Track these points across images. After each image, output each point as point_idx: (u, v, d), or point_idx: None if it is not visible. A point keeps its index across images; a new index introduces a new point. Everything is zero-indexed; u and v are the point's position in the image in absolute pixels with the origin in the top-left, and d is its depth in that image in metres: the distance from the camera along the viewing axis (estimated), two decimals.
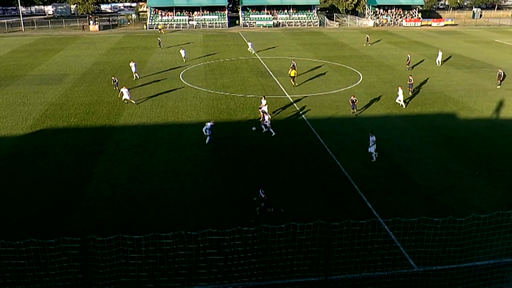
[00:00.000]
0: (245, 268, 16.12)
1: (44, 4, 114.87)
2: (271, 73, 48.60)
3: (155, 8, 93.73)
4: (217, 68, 51.72)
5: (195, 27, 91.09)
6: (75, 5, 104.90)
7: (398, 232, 18.24)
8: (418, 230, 16.83)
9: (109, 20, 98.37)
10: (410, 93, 39.54)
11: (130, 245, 16.16)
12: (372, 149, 26.04)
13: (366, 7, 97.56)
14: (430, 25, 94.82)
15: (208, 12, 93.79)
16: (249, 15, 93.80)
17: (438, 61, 52.51)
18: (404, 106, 36.21)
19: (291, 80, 42.91)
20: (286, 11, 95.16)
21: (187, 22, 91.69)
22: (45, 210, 21.07)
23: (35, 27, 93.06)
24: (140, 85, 43.46)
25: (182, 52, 55.34)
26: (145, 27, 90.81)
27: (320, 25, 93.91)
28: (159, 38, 69.29)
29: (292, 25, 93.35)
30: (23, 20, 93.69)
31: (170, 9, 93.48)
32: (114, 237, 15.30)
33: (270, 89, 41.67)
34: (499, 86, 41.97)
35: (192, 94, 40.22)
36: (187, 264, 16.12)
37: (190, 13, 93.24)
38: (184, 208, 21.24)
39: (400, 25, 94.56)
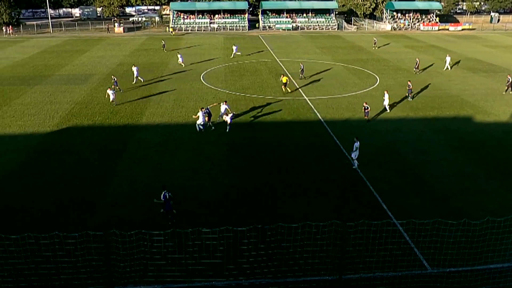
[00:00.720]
0: (261, 265, 16.12)
1: (72, 6, 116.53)
2: (289, 75, 48.51)
3: (178, 11, 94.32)
4: (236, 69, 51.83)
5: (216, 30, 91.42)
6: (101, 8, 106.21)
7: (412, 234, 18.03)
8: (432, 232, 16.62)
9: (133, 22, 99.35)
10: (410, 99, 38.79)
11: (150, 240, 16.30)
12: (354, 155, 25.07)
13: (384, 11, 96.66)
14: (448, 29, 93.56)
15: (228, 15, 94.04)
16: (268, 18, 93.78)
17: (447, 66, 51.73)
18: (388, 111, 35.51)
19: (283, 86, 41.02)
20: (305, 15, 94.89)
21: (208, 25, 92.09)
22: (69, 205, 21.38)
23: (63, 29, 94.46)
24: (158, 83, 43.81)
25: (179, 56, 53.89)
26: (167, 29, 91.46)
27: (338, 29, 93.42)
28: (163, 41, 68.79)
29: (310, 29, 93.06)
30: (51, 22, 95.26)
31: (192, 12, 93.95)
32: (135, 232, 15.47)
33: (289, 91, 41.60)
34: (504, 93, 40.94)
35: (212, 95, 40.36)
36: (205, 259, 16.21)
37: (212, 16, 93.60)
38: (203, 205, 21.34)
39: (417, 29, 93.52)
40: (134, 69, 45.37)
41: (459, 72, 50.41)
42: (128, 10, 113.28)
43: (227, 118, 30.76)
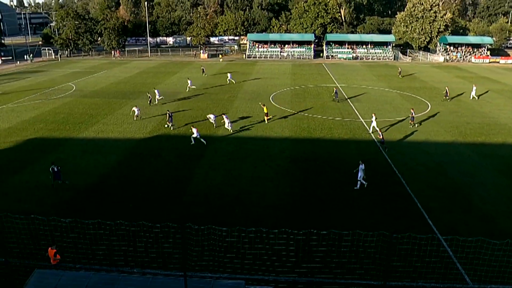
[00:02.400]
0: (312, 266, 15.88)
1: (167, 35, 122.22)
2: (347, 99, 47.76)
3: (254, 41, 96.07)
4: (301, 93, 51.76)
5: (285, 58, 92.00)
6: (190, 37, 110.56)
7: (455, 249, 17.02)
8: (475, 250, 15.58)
9: (216, 50, 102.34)
10: (411, 126, 36.15)
11: (219, 235, 16.57)
12: (359, 176, 23.53)
13: (438, 44, 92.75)
14: (498, 62, 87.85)
15: (297, 45, 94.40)
16: (332, 49, 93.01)
17: (472, 95, 48.34)
18: (370, 131, 33.92)
19: (265, 116, 37.31)
20: (364, 46, 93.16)
21: (279, 53, 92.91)
22: (155, 200, 22.26)
23: (159, 54, 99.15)
24: (234, 101, 44.67)
25: (189, 81, 52.95)
26: (244, 56, 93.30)
27: (394, 59, 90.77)
28: (202, 67, 68.50)
29: (369, 59, 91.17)
30: (150, 48, 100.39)
31: (265, 42, 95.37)
32: (206, 227, 15.81)
33: (346, 113, 40.89)
34: None
35: (279, 114, 40.55)
36: (263, 256, 16.21)
37: (282, 46, 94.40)
38: (265, 209, 21.40)
39: (469, 61, 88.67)
40: (156, 91, 45.06)
41: (508, 102, 47.16)
42: (212, 39, 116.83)
43: (228, 125, 33.91)
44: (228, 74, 58.55)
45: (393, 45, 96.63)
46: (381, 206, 21.83)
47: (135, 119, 37.90)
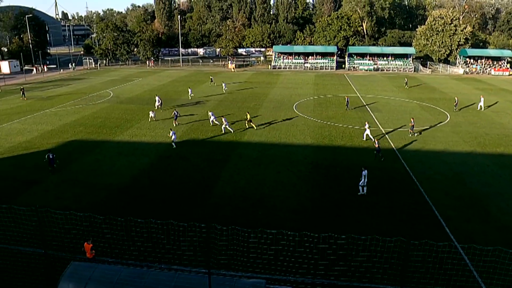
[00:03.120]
0: (332, 268, 15.65)
1: (198, 47, 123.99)
2: (368, 108, 47.11)
3: (279, 52, 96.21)
4: (324, 102, 51.39)
5: (309, 69, 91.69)
6: (219, 48, 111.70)
7: (472, 258, 16.44)
8: (493, 258, 15.02)
9: (243, 61, 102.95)
10: (410, 135, 35.48)
11: (242, 235, 16.55)
12: (362, 182, 23.22)
13: (458, 57, 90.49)
14: None
15: (320, 57, 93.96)
16: (353, 60, 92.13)
17: (481, 106, 47.09)
18: (364, 139, 33.80)
19: (247, 122, 37.73)
20: (385, 58, 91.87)
21: (302, 64, 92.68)
22: (182, 201, 22.44)
23: (190, 63, 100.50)
24: (259, 109, 44.73)
25: (189, 90, 54.17)
26: (269, 67, 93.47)
27: (414, 71, 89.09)
28: (211, 77, 69.05)
29: (389, 70, 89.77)
30: (181, 58, 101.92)
31: (290, 53, 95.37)
32: (230, 227, 15.82)
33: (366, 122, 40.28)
34: None
35: (302, 122, 40.36)
36: (284, 257, 16.09)
37: (306, 57, 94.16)
38: (287, 212, 21.27)
39: (488, 74, 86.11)
40: (157, 98, 46.31)
41: None
42: (240, 50, 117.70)
43: (225, 123, 35.73)
44: (223, 84, 58.70)
45: (413, 57, 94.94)
46: (399, 213, 21.34)
47: (149, 120, 40.18)
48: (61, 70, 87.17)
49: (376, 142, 29.61)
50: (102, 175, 26.19)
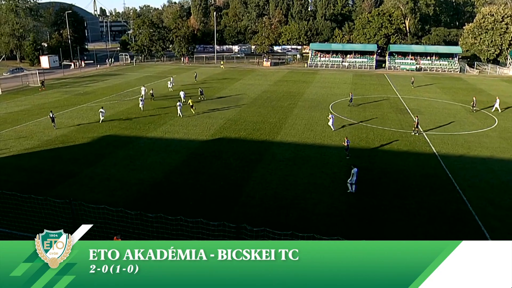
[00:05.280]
0: None
1: (233, 44, 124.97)
2: (409, 111, 45.82)
3: (316, 50, 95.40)
4: (361, 102, 50.48)
5: (347, 67, 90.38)
6: (255, 46, 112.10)
7: None
8: None
9: (278, 59, 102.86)
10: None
11: (272, 238, 16.47)
12: (351, 180, 23.29)
13: (509, 57, 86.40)
14: None
15: (359, 55, 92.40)
16: (394, 59, 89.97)
17: (496, 107, 45.43)
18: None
19: (191, 108, 42.10)
20: (428, 57, 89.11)
21: (340, 63, 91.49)
22: (213, 199, 22.66)
23: (224, 61, 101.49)
24: (294, 108, 44.49)
25: (168, 82, 55.82)
26: (306, 65, 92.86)
27: (460, 72, 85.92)
28: (195, 72, 71.00)
29: (433, 70, 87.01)
30: (216, 55, 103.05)
31: (327, 51, 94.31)
32: (261, 229, 15.80)
33: (407, 125, 39.17)
34: None
35: (337, 122, 39.76)
36: None
37: (344, 55, 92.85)
38: (319, 215, 21.03)
39: None
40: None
41: None
42: (275, 48, 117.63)
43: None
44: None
45: (460, 57, 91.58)
46: (439, 221, 20.62)
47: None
48: (98, 65, 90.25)
49: (346, 140, 29.50)
50: (134, 170, 26.86)
